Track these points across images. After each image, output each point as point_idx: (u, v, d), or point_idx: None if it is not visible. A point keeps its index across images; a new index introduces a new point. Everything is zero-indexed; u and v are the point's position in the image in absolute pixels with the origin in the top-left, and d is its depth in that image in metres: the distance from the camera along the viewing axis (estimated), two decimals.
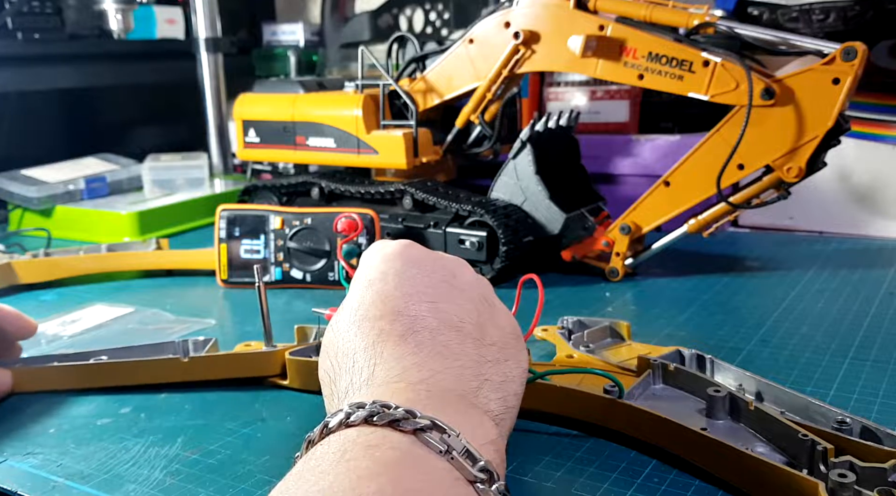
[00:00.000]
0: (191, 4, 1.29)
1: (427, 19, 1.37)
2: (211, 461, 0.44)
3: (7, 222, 1.10)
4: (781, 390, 0.44)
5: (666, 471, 0.42)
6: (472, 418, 0.33)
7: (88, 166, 1.16)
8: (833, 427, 0.40)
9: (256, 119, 0.95)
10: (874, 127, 0.90)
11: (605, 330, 0.56)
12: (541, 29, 0.76)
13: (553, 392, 0.47)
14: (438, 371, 0.35)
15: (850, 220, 0.92)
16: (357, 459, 0.28)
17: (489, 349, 0.37)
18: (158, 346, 0.56)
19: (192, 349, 0.56)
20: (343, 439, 0.30)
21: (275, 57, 1.41)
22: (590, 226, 0.77)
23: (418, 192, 0.82)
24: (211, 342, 0.56)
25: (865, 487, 0.35)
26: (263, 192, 0.95)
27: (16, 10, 1.11)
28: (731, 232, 0.96)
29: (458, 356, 0.36)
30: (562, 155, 0.84)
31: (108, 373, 0.54)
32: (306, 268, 0.76)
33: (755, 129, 0.67)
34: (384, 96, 0.86)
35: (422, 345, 0.36)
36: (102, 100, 1.34)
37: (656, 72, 0.71)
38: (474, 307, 0.39)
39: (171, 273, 0.84)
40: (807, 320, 0.64)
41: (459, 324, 0.37)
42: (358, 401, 0.31)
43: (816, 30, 0.90)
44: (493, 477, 0.30)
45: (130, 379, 0.54)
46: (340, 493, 0.27)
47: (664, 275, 0.78)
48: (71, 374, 0.54)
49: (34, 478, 0.43)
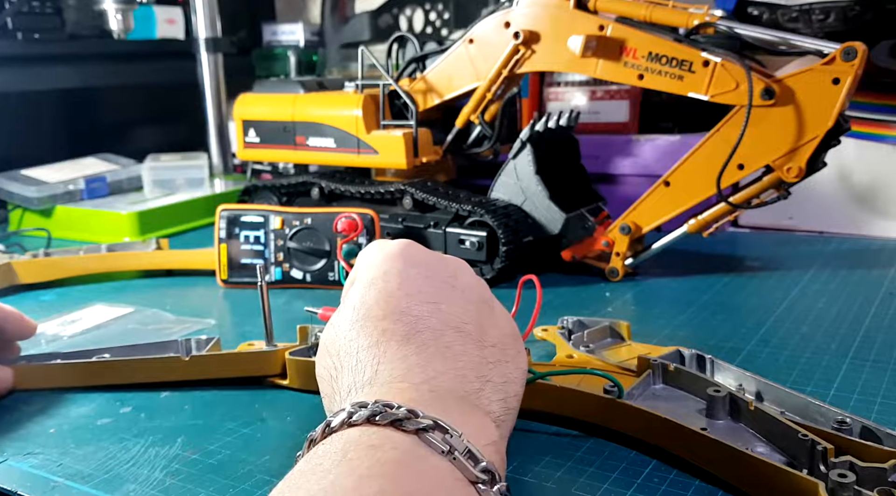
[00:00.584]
0: (191, 4, 1.29)
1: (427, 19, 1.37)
2: (211, 461, 0.44)
3: (7, 222, 1.10)
4: (781, 390, 0.44)
5: (666, 471, 0.42)
6: (473, 419, 0.33)
7: (88, 166, 1.16)
8: (833, 427, 0.40)
9: (256, 119, 0.95)
10: (874, 127, 0.90)
11: (605, 330, 0.56)
12: (541, 29, 0.76)
13: (553, 392, 0.47)
14: (441, 372, 0.35)
15: (850, 220, 0.92)
16: (359, 459, 0.28)
17: (490, 350, 0.37)
18: (161, 345, 0.56)
19: (194, 348, 0.56)
20: (345, 439, 0.30)
21: (275, 57, 1.41)
22: (590, 226, 0.77)
23: (418, 192, 0.82)
24: (213, 341, 0.56)
25: (865, 487, 0.35)
26: (263, 192, 0.95)
27: (16, 10, 1.11)
28: (731, 232, 0.96)
29: (459, 357, 0.36)
30: (562, 155, 0.84)
31: (110, 371, 0.54)
32: (306, 268, 0.76)
33: (755, 129, 0.67)
34: (384, 96, 0.86)
35: (424, 346, 0.36)
36: (102, 100, 1.34)
37: (656, 72, 0.71)
38: (475, 308, 0.39)
39: (171, 273, 0.84)
40: (807, 320, 0.64)
41: (461, 326, 0.37)
42: (360, 401, 0.31)
43: (816, 30, 0.90)
44: (495, 478, 0.30)
45: (131, 377, 0.54)
46: (342, 493, 0.27)
47: (664, 275, 0.78)
48: (73, 372, 0.54)
49: (34, 478, 0.43)
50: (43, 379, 0.55)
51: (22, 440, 0.47)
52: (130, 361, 0.54)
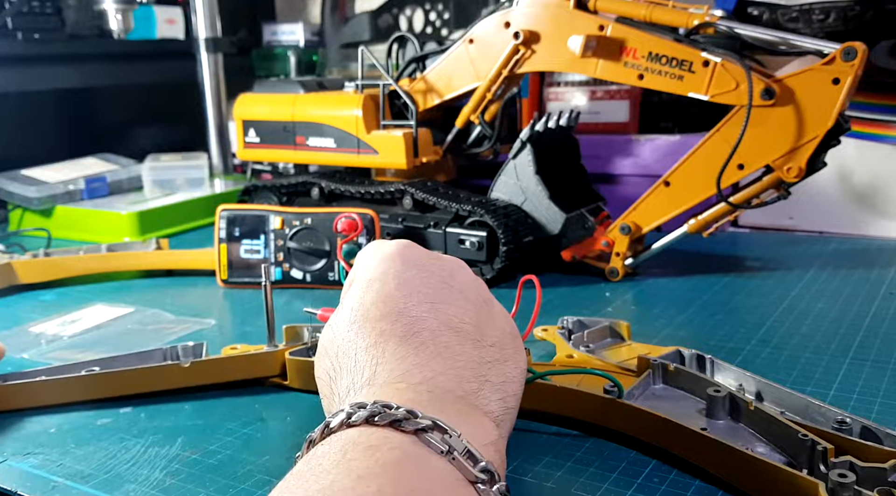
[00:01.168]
0: (191, 4, 1.29)
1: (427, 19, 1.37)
2: (211, 461, 0.44)
3: (7, 222, 1.10)
4: (782, 390, 0.44)
5: (666, 471, 0.42)
6: (472, 419, 0.33)
7: (88, 166, 1.16)
8: (833, 427, 0.40)
9: (256, 119, 0.95)
10: (874, 127, 0.90)
11: (605, 330, 0.56)
12: (541, 29, 0.76)
13: (553, 392, 0.47)
14: (440, 372, 0.35)
15: (850, 220, 0.92)
16: (358, 459, 0.28)
17: (488, 350, 0.37)
18: (145, 354, 0.54)
19: (181, 354, 0.55)
20: (344, 439, 0.30)
21: (275, 57, 1.41)
22: (590, 226, 0.77)
23: (418, 192, 0.82)
24: (202, 346, 0.55)
25: (865, 487, 0.35)
26: (263, 192, 0.95)
27: (16, 10, 1.11)
28: (731, 232, 0.96)
29: (458, 357, 0.36)
30: (562, 155, 0.84)
31: (107, 384, 0.52)
32: (306, 268, 0.76)
33: (755, 129, 0.67)
34: (384, 96, 0.86)
35: (423, 346, 0.36)
36: (102, 100, 1.34)
37: (656, 72, 0.71)
38: (473, 308, 0.39)
39: (171, 273, 0.84)
40: (807, 320, 0.64)
41: (459, 326, 0.37)
42: (359, 401, 0.31)
43: (816, 30, 0.90)
44: (495, 477, 0.30)
45: (132, 388, 0.52)
46: (341, 493, 0.27)
47: (664, 275, 0.78)
48: (62, 388, 0.51)
49: (34, 478, 0.43)
50: (27, 398, 0.50)
51: (22, 440, 0.47)
52: (128, 372, 0.52)
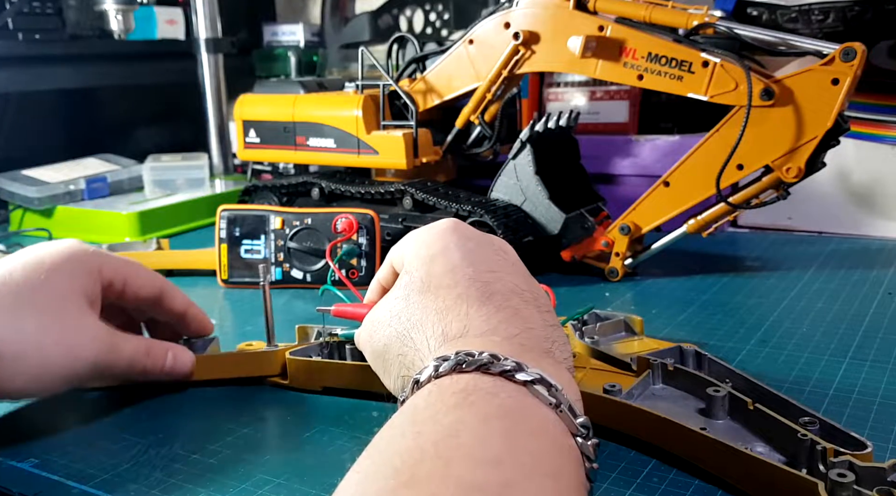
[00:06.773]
0: (191, 5, 1.29)
1: (427, 20, 1.38)
2: (211, 461, 0.44)
3: (8, 222, 1.10)
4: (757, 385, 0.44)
5: (666, 471, 0.42)
6: (563, 376, 0.34)
7: (89, 166, 1.16)
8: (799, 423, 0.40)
9: (257, 119, 0.95)
10: (874, 127, 0.90)
11: (620, 323, 0.58)
12: (540, 29, 0.76)
13: None
14: (522, 329, 0.36)
15: (850, 220, 0.92)
16: (479, 403, 0.29)
17: (547, 315, 0.39)
18: None
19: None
20: (462, 384, 0.30)
21: (275, 57, 1.41)
22: (589, 226, 0.77)
23: (418, 193, 0.82)
24: (213, 342, 0.56)
25: (864, 487, 0.35)
26: (263, 193, 0.95)
27: (16, 10, 1.11)
28: (730, 232, 0.96)
29: (529, 319, 0.37)
30: (562, 155, 0.84)
31: None
32: (306, 268, 0.76)
33: (754, 129, 0.67)
34: (384, 97, 0.86)
35: (501, 308, 0.37)
36: (103, 100, 1.34)
37: (656, 72, 0.71)
38: (525, 277, 0.41)
39: (171, 273, 0.83)
40: (806, 320, 0.64)
41: (521, 292, 0.39)
42: (466, 350, 0.32)
43: (816, 30, 0.90)
44: (590, 432, 0.31)
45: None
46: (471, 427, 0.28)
47: (664, 276, 0.78)
48: None
49: (34, 478, 0.43)
50: None
51: (22, 440, 0.47)
52: None
